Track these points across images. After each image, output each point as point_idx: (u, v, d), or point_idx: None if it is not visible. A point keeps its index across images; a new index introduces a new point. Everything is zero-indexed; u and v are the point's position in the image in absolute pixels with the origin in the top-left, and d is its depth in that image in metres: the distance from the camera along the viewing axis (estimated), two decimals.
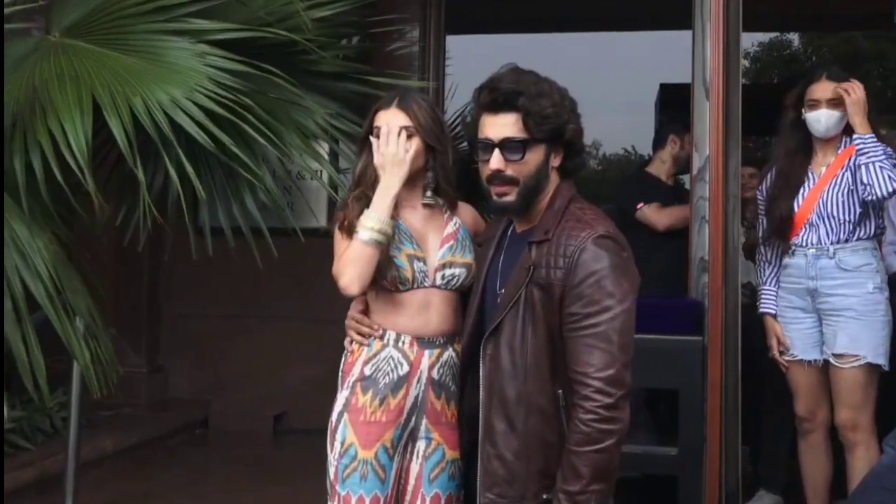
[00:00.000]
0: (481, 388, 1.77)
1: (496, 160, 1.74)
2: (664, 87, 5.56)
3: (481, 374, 1.78)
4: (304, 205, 3.76)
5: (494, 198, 1.78)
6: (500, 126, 1.75)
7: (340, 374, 1.97)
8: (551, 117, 1.73)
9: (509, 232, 1.89)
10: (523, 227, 1.83)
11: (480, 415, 1.78)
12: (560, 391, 1.70)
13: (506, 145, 1.74)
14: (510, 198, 1.77)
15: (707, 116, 3.06)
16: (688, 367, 2.90)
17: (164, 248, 3.01)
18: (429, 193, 1.98)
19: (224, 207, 2.89)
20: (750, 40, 9.63)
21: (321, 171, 3.21)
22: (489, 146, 1.76)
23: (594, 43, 5.97)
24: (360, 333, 1.96)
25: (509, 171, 1.75)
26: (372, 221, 1.87)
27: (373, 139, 1.96)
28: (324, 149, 3.15)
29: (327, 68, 2.97)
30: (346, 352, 1.99)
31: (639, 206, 3.63)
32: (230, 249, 3.03)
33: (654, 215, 3.61)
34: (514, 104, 1.73)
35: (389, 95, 2.00)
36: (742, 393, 3.01)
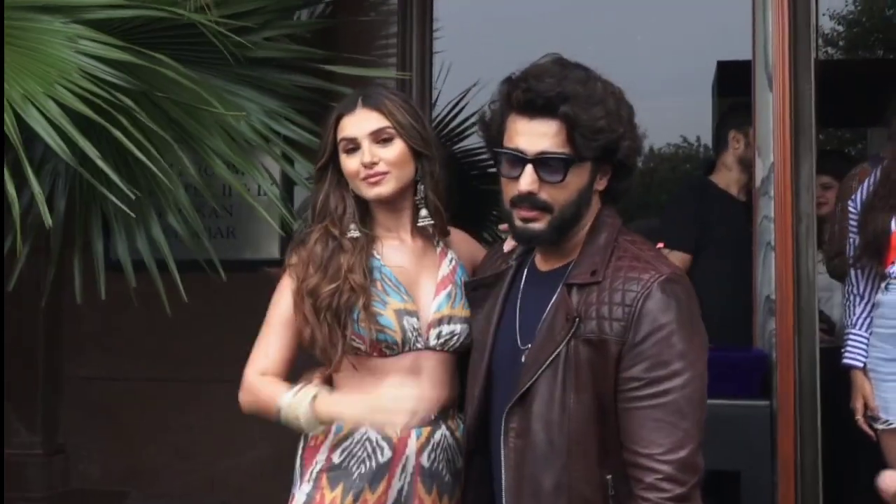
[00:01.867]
0: (504, 475, 1.80)
1: (528, 179, 1.76)
2: (723, 66, 5.66)
3: (503, 456, 1.80)
4: (253, 230, 3.80)
5: (518, 223, 1.81)
6: (537, 136, 1.76)
7: (299, 461, 2.01)
8: (604, 131, 1.75)
9: (525, 269, 1.92)
10: (552, 263, 1.86)
11: None
12: (609, 476, 1.73)
13: (542, 162, 1.76)
14: (539, 225, 1.79)
15: (770, 111, 3.14)
16: (752, 440, 2.97)
17: (65, 291, 3.04)
18: (423, 213, 2.01)
19: (123, 234, 2.91)
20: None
21: (260, 189, 3.22)
22: (520, 160, 1.78)
23: (631, 6, 6.05)
24: None
25: (543, 195, 1.78)
26: (304, 419, 1.87)
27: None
28: (264, 161, 3.16)
29: (267, 54, 2.97)
30: (304, 434, 2.01)
31: (658, 245, 3.54)
32: (153, 293, 3.11)
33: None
34: (558, 110, 1.74)
35: (350, 97, 2.05)
36: (824, 472, 3.07)
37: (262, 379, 2.01)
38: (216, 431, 4.30)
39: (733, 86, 5.02)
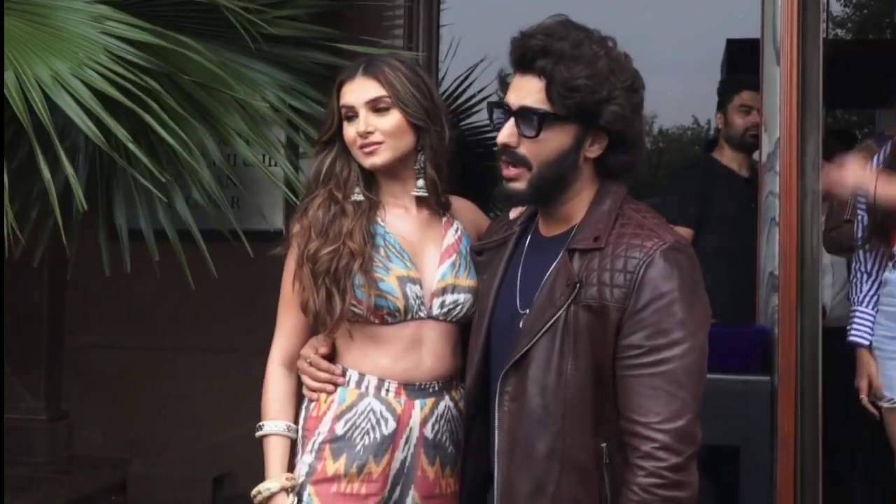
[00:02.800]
0: (497, 438, 1.80)
1: (506, 132, 1.78)
2: (732, 44, 5.63)
3: (497, 419, 1.80)
4: (257, 201, 3.82)
5: (502, 182, 1.82)
6: (522, 91, 1.78)
7: (301, 431, 2.01)
8: (580, 90, 1.74)
9: (529, 234, 1.92)
10: (554, 228, 1.86)
11: (496, 472, 1.81)
12: (604, 444, 1.73)
13: (521, 115, 1.77)
14: (519, 185, 1.80)
15: (777, 86, 3.13)
16: (751, 416, 2.97)
17: (69, 260, 3.08)
18: (420, 183, 2.00)
19: (146, 207, 2.96)
20: None
21: (269, 160, 3.26)
22: (504, 113, 1.80)
23: None
24: (316, 380, 1.98)
25: (521, 150, 1.78)
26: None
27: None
28: (277, 134, 3.21)
29: (282, 32, 3.00)
30: (306, 402, 2.02)
31: None
32: (153, 261, 3.12)
33: None
34: (536, 65, 1.76)
35: (354, 64, 2.04)
36: (825, 450, 3.08)
37: (277, 385, 2.06)
38: (219, 401, 4.32)
39: (742, 64, 4.99)
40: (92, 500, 4.26)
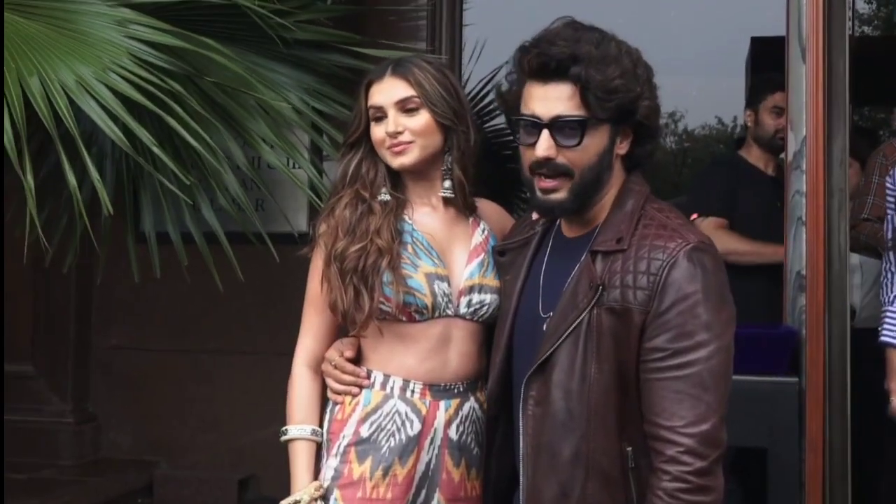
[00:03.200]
0: (522, 442, 1.79)
1: (545, 145, 1.75)
2: (757, 42, 5.60)
3: (521, 423, 1.79)
4: (285, 203, 3.82)
5: (539, 194, 1.79)
6: (552, 100, 1.75)
7: (326, 434, 2.01)
8: (619, 91, 1.73)
9: (551, 235, 1.91)
10: (577, 230, 1.85)
11: (521, 477, 1.80)
12: (629, 448, 1.73)
13: (558, 125, 1.74)
14: (560, 195, 1.78)
15: (804, 85, 3.11)
16: (779, 418, 2.95)
17: (97, 264, 3.10)
18: (447, 184, 2.00)
19: (173, 211, 2.97)
20: None
21: (293, 163, 3.26)
22: (536, 126, 1.76)
23: None
24: (340, 382, 1.99)
25: (561, 160, 1.76)
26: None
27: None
28: (300, 137, 3.22)
29: (305, 36, 3.02)
30: (331, 405, 2.03)
31: (693, 217, 3.55)
32: (180, 264, 3.14)
33: (718, 238, 3.02)
34: (570, 72, 1.73)
35: (382, 64, 2.03)
36: (853, 453, 3.05)
37: (302, 388, 2.06)
38: (243, 403, 4.35)
39: (767, 62, 4.96)
40: (118, 502, 4.29)
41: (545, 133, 1.75)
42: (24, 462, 4.03)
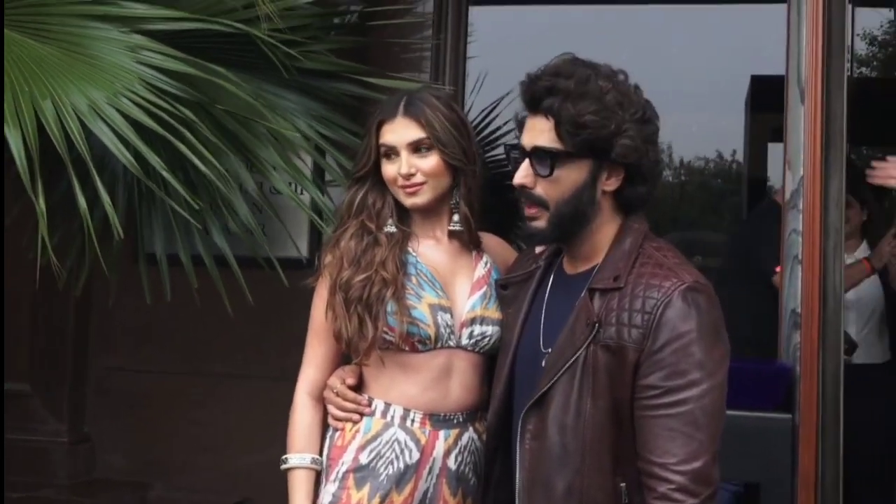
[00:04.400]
0: (518, 475, 1.81)
1: (522, 173, 1.81)
2: (757, 81, 5.66)
3: (518, 457, 1.82)
4: (280, 228, 3.85)
5: (527, 221, 1.85)
6: (535, 131, 1.81)
7: (325, 460, 2.02)
8: (589, 126, 1.75)
9: (553, 271, 1.94)
10: (578, 266, 1.88)
11: None
12: (623, 484, 1.74)
13: (535, 156, 1.80)
14: (540, 224, 1.83)
15: (801, 125, 3.16)
16: (772, 454, 2.97)
17: (98, 286, 3.12)
18: (455, 218, 2.04)
19: (184, 235, 2.99)
20: (877, 19, 9.64)
21: (296, 187, 3.29)
22: (521, 154, 1.83)
23: (667, 18, 6.07)
24: (342, 409, 2.01)
25: (538, 190, 1.81)
26: None
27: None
28: (305, 161, 3.26)
29: (314, 65, 3.06)
30: (331, 432, 2.05)
31: (777, 270, 3.44)
32: (177, 288, 3.17)
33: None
34: (542, 105, 1.78)
35: (391, 100, 2.06)
36: (846, 491, 3.07)
37: (304, 417, 2.08)
38: (239, 427, 4.34)
39: (767, 101, 5.02)
40: None
41: (525, 162, 1.82)
42: (19, 481, 4.01)
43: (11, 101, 2.48)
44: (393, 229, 2.01)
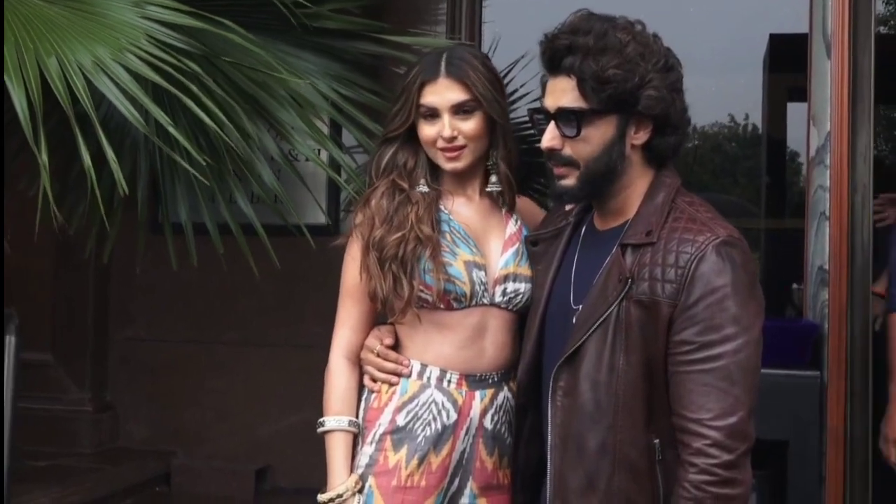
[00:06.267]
0: (550, 432, 1.80)
1: (548, 136, 1.78)
2: (776, 39, 5.59)
3: (549, 414, 1.80)
4: (301, 194, 3.81)
5: (555, 180, 1.82)
6: (557, 92, 1.78)
7: (362, 423, 2.01)
8: (613, 81, 1.72)
9: (584, 227, 1.92)
10: (608, 222, 1.86)
11: (549, 466, 1.81)
12: (657, 441, 1.73)
13: (561, 117, 1.77)
14: (569, 182, 1.80)
15: (828, 80, 3.12)
16: (801, 411, 2.96)
17: (137, 257, 3.08)
18: (493, 178, 2.02)
19: (208, 201, 2.96)
20: None
21: (318, 150, 3.27)
22: (545, 117, 1.80)
23: None
24: (382, 371, 1.99)
25: (566, 151, 1.78)
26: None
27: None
28: (323, 122, 3.23)
29: (332, 25, 3.02)
30: (367, 393, 2.03)
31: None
32: (203, 257, 3.15)
33: None
34: (564, 63, 1.75)
35: (430, 59, 2.00)
36: (874, 446, 3.05)
37: (340, 379, 2.04)
38: (260, 394, 4.37)
39: (786, 60, 4.96)
40: (136, 491, 4.32)
41: (551, 125, 1.79)
42: (43, 450, 4.05)
43: (16, 60, 2.43)
44: (426, 188, 1.99)
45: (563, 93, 1.77)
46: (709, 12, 6.48)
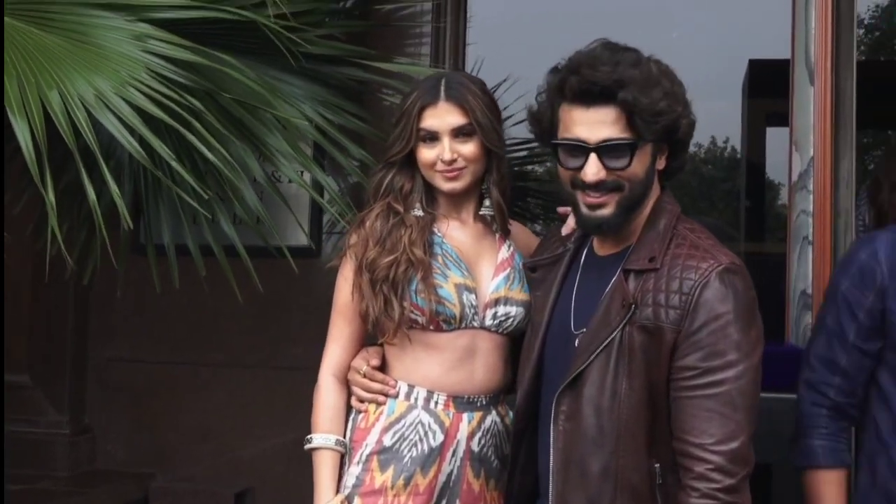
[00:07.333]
0: (552, 457, 1.81)
1: (594, 169, 1.76)
2: (755, 65, 5.64)
3: (552, 438, 1.81)
4: (284, 216, 3.80)
5: (585, 210, 1.80)
6: (597, 124, 1.77)
7: (349, 443, 2.02)
8: (665, 113, 1.75)
9: (583, 252, 1.93)
10: (609, 248, 1.88)
11: (550, 490, 1.82)
12: (657, 465, 1.75)
13: (606, 149, 1.76)
14: (607, 210, 1.79)
15: (811, 106, 3.14)
16: (784, 434, 2.95)
17: (118, 278, 3.07)
18: (486, 203, 2.05)
19: (191, 224, 2.96)
20: (864, 3, 9.67)
21: (301, 172, 3.26)
22: (582, 149, 1.77)
23: (665, 4, 6.05)
24: (369, 391, 2.00)
25: (611, 177, 1.78)
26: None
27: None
28: (307, 144, 3.23)
29: (319, 50, 3.04)
30: (354, 413, 2.04)
31: None
32: (178, 278, 3.13)
33: None
34: (616, 97, 1.74)
35: (428, 83, 2.03)
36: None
37: (329, 397, 2.05)
38: (240, 416, 4.35)
39: (765, 85, 5.00)
40: None
41: (593, 157, 1.77)
42: (20, 473, 4.00)
43: (18, 92, 2.44)
44: (420, 212, 2.01)
45: (604, 125, 1.76)
46: (690, 38, 6.54)
